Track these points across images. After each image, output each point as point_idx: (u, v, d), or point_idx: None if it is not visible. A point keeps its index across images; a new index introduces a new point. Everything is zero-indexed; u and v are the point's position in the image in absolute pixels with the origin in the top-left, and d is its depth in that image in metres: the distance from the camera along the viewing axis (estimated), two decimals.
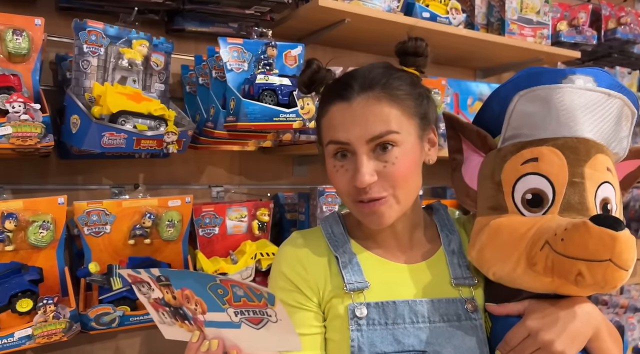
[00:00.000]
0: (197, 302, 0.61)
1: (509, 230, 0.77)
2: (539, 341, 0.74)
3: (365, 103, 0.79)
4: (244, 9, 1.51)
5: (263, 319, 0.59)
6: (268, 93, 1.30)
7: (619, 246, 0.66)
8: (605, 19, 2.35)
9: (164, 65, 1.34)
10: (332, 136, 0.80)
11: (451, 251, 0.87)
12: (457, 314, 0.81)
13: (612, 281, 0.69)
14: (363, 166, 0.77)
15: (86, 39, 1.18)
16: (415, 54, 0.85)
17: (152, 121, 1.24)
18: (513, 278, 0.77)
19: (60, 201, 1.17)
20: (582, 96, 0.77)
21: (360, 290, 0.81)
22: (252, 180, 1.76)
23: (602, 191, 0.77)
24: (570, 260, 0.69)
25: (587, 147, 0.77)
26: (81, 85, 1.19)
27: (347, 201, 0.83)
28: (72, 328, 1.12)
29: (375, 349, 0.78)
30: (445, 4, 1.82)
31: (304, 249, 0.86)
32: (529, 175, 0.78)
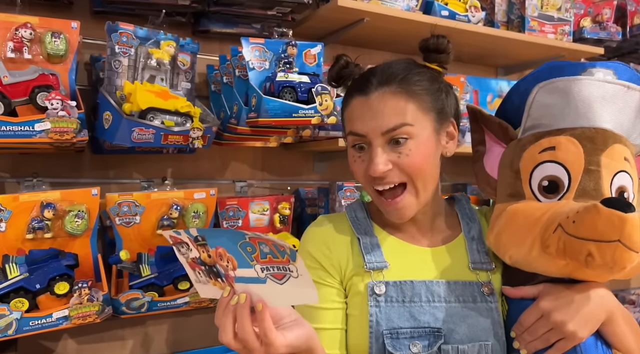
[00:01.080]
0: (229, 259, 0.64)
1: (525, 215, 0.80)
2: (552, 322, 0.77)
3: (382, 97, 0.84)
4: (266, 10, 1.57)
5: (286, 274, 0.63)
6: (288, 90, 1.35)
7: (628, 228, 0.68)
8: (630, 15, 2.32)
9: (190, 65, 1.41)
10: (351, 127, 0.87)
11: (471, 237, 0.91)
12: (472, 296, 0.85)
13: (621, 261, 0.70)
14: (377, 156, 0.83)
15: (118, 40, 1.26)
16: (437, 50, 0.89)
17: (178, 117, 1.30)
18: (528, 261, 0.80)
19: (94, 192, 1.25)
20: (601, 87, 0.79)
21: (380, 269, 0.86)
22: (274, 175, 1.82)
23: (619, 180, 0.79)
24: (581, 241, 0.71)
25: (604, 137, 0.79)
26: (113, 84, 1.27)
27: (368, 189, 0.89)
28: (104, 311, 1.20)
29: (392, 324, 0.82)
30: (465, 2, 1.84)
31: (328, 231, 0.92)
32: (546, 163, 0.80)
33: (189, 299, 1.34)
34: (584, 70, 0.82)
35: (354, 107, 0.87)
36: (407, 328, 0.82)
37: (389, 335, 0.82)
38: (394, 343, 0.81)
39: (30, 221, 1.19)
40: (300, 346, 0.68)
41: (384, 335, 0.82)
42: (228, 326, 0.65)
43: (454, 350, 0.81)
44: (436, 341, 0.81)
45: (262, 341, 0.64)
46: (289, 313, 0.70)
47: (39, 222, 1.19)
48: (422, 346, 0.81)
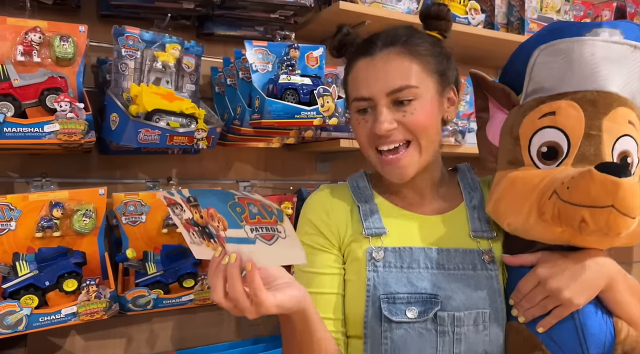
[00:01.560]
0: (220, 219, 0.65)
1: (523, 182, 0.79)
2: (548, 289, 0.78)
3: (387, 58, 0.85)
4: (269, 13, 1.60)
5: (274, 235, 0.63)
6: (290, 92, 1.38)
7: (622, 192, 0.66)
8: (630, 17, 2.34)
9: (194, 67, 1.44)
10: (356, 93, 0.88)
11: (472, 206, 0.92)
12: (472, 264, 0.86)
13: (616, 227, 0.69)
14: (382, 115, 0.84)
15: (124, 43, 1.29)
16: (437, 17, 0.91)
17: (183, 118, 1.33)
18: (526, 228, 0.79)
19: (101, 192, 1.28)
20: (605, 48, 0.76)
21: (378, 235, 0.88)
22: (277, 176, 1.85)
23: (621, 144, 0.76)
24: (574, 207, 0.70)
25: (607, 100, 0.76)
26: (120, 86, 1.30)
27: (370, 152, 0.89)
28: (111, 308, 1.23)
29: (389, 289, 0.83)
30: (465, 5, 1.87)
31: (328, 198, 0.94)
32: (545, 128, 0.79)
33: (193, 297, 1.37)
34: (589, 30, 0.79)
35: (358, 70, 0.88)
36: (404, 293, 0.83)
37: (386, 299, 0.83)
38: (390, 308, 0.82)
39: (39, 220, 1.22)
40: (291, 307, 0.69)
41: (381, 299, 0.83)
42: (219, 286, 0.65)
43: (449, 317, 0.82)
44: (432, 308, 0.82)
45: (252, 300, 0.65)
46: (281, 275, 0.71)
47: (48, 221, 1.22)
48: (419, 311, 0.82)
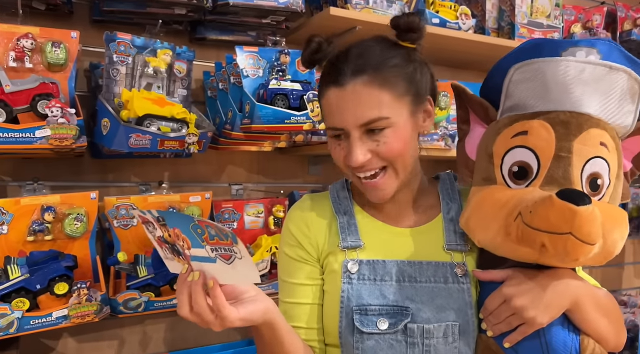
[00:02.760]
0: (184, 239, 0.70)
1: (492, 200, 0.80)
2: (512, 307, 0.79)
3: (356, 89, 0.83)
4: (261, 18, 1.61)
5: (232, 255, 0.69)
6: (280, 97, 1.40)
7: (579, 220, 0.68)
8: (620, 21, 2.36)
9: (186, 72, 1.45)
10: (329, 122, 0.88)
11: (449, 218, 0.92)
12: (444, 277, 0.87)
13: (574, 253, 0.71)
14: (356, 147, 0.84)
15: (116, 49, 1.30)
16: (409, 29, 0.86)
17: (174, 123, 1.35)
18: (495, 246, 0.81)
19: (93, 196, 1.30)
20: (578, 68, 0.76)
21: (354, 248, 0.90)
22: (270, 179, 1.87)
23: (592, 166, 0.77)
24: (535, 231, 0.71)
25: (579, 121, 0.77)
26: (111, 92, 1.32)
27: (348, 174, 0.91)
28: (102, 310, 1.24)
29: (362, 301, 0.86)
30: (455, 10, 1.88)
31: (309, 210, 0.96)
32: (517, 148, 0.80)
33: None
34: (565, 49, 0.79)
35: (329, 99, 0.87)
36: (376, 305, 0.85)
37: (358, 311, 0.85)
38: (362, 319, 0.85)
39: (31, 223, 1.23)
40: (255, 320, 0.74)
41: (354, 311, 0.85)
42: (184, 301, 0.71)
43: (419, 329, 0.83)
44: (402, 319, 0.84)
45: (216, 314, 0.70)
46: (248, 289, 0.75)
47: (40, 225, 1.23)
48: (389, 323, 0.84)
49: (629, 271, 2.81)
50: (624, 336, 0.88)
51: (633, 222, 2.57)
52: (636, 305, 2.56)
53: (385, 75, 0.84)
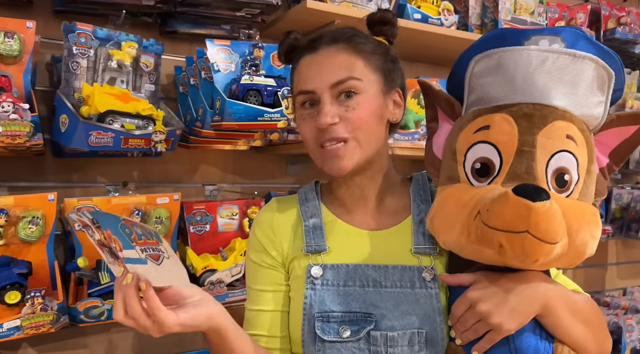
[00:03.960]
0: (115, 241, 0.67)
1: (454, 200, 0.76)
2: (477, 312, 0.74)
3: (330, 53, 0.84)
4: (235, 11, 1.54)
5: (160, 255, 0.67)
6: (253, 93, 1.33)
7: (535, 217, 0.64)
8: (604, 19, 2.34)
9: (154, 67, 1.38)
10: (300, 86, 0.86)
11: (419, 220, 0.88)
12: (411, 282, 0.83)
13: (533, 253, 0.66)
14: (325, 107, 0.82)
15: (75, 41, 1.22)
16: (383, 22, 0.89)
17: (140, 120, 1.27)
18: (459, 247, 0.76)
19: (50, 197, 1.22)
20: (541, 58, 0.73)
21: (318, 252, 0.86)
22: (246, 179, 1.80)
23: (558, 160, 0.73)
24: (492, 230, 0.67)
25: (543, 113, 0.73)
26: (71, 86, 1.23)
27: (313, 147, 0.87)
28: (59, 320, 1.16)
29: (324, 307, 0.82)
30: (437, 5, 1.83)
31: (276, 214, 0.93)
32: (479, 144, 0.76)
33: None
34: (528, 38, 0.75)
35: (302, 67, 0.86)
36: (339, 312, 0.82)
37: (320, 318, 0.82)
38: (323, 327, 0.81)
39: None
40: (198, 326, 0.71)
41: (315, 318, 0.82)
42: (119, 305, 0.67)
43: (382, 337, 0.80)
44: (365, 327, 0.80)
45: (152, 319, 0.66)
46: (192, 293, 0.72)
47: None
48: (352, 331, 0.80)
49: (612, 271, 2.80)
50: (608, 344, 0.82)
51: (616, 223, 2.55)
52: (619, 307, 2.54)
53: (360, 46, 0.85)
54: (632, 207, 2.51)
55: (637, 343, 2.26)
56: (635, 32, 2.31)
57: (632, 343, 2.26)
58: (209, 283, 1.45)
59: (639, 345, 2.25)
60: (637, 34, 2.32)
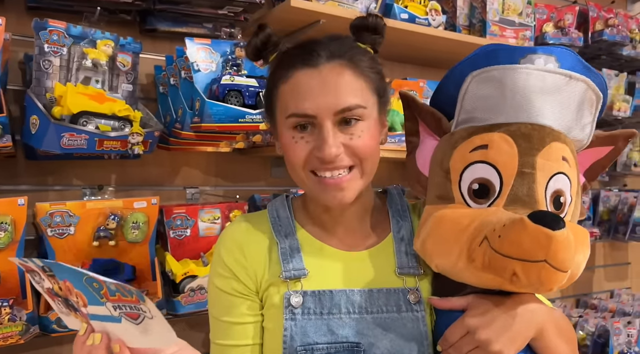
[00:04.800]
0: (77, 295, 0.60)
1: (452, 222, 0.73)
2: (477, 340, 0.71)
3: (335, 71, 0.75)
4: (216, 9, 1.50)
5: (140, 314, 0.59)
6: (234, 94, 1.28)
7: (555, 246, 0.62)
8: (592, 21, 2.33)
9: (131, 66, 1.33)
10: (297, 107, 0.75)
11: (400, 238, 0.83)
12: (397, 305, 0.78)
13: (548, 283, 0.66)
14: (330, 137, 0.73)
15: (47, 38, 1.17)
16: (375, 31, 0.82)
17: (116, 121, 1.23)
18: (455, 271, 0.74)
19: (20, 202, 1.16)
20: (539, 78, 0.72)
21: (298, 278, 0.79)
22: (229, 182, 1.75)
23: (555, 183, 0.72)
24: (506, 259, 0.65)
25: (541, 134, 0.72)
26: (42, 86, 1.18)
27: (303, 174, 0.78)
28: (29, 331, 1.11)
29: (308, 340, 0.76)
30: (425, 5, 1.80)
31: (245, 234, 0.84)
32: (477, 163, 0.73)
33: None
34: (523, 56, 0.74)
35: (299, 81, 0.75)
36: (324, 344, 0.76)
37: (304, 351, 0.76)
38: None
39: None
40: None
41: (298, 351, 0.76)
42: None
43: None
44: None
45: None
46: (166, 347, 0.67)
47: None
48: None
49: (599, 274, 2.79)
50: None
51: (603, 225, 2.55)
52: (607, 309, 2.53)
53: (362, 65, 0.77)
54: (620, 209, 2.50)
55: (624, 346, 2.25)
56: (622, 34, 2.30)
57: (620, 346, 2.24)
58: (189, 289, 1.40)
59: (626, 348, 2.24)
60: (624, 35, 2.31)
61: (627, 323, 2.28)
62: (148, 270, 1.36)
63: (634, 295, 2.72)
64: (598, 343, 2.27)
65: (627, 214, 2.48)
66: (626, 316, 2.39)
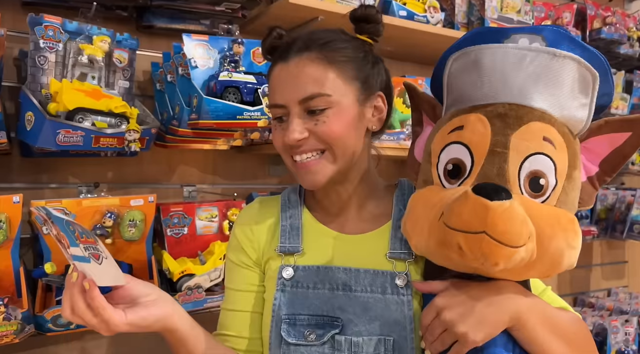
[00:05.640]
0: (62, 237, 0.67)
1: (424, 201, 0.74)
2: (442, 321, 0.70)
3: (300, 64, 0.80)
4: (214, 5, 1.48)
5: (99, 255, 0.66)
6: (232, 90, 1.27)
7: (492, 217, 0.60)
8: (590, 19, 2.33)
9: (128, 62, 1.31)
10: (271, 99, 0.85)
11: (398, 225, 0.85)
12: (383, 287, 0.80)
13: (491, 256, 0.63)
14: (292, 124, 0.80)
15: (42, 34, 1.15)
16: (366, 20, 0.85)
17: (112, 118, 1.21)
18: (429, 252, 0.73)
19: (15, 199, 1.15)
20: (518, 56, 0.69)
21: (291, 253, 0.85)
22: (227, 180, 1.74)
23: (532, 164, 0.69)
24: (451, 231, 0.65)
25: (519, 114, 0.69)
26: (38, 82, 1.17)
27: (286, 160, 0.86)
28: (24, 330, 1.10)
29: (292, 310, 0.81)
30: (423, 2, 1.79)
31: (256, 213, 0.93)
32: (452, 144, 0.73)
33: None
34: (508, 36, 0.72)
35: (274, 76, 0.84)
36: (305, 315, 0.81)
37: (287, 321, 0.81)
38: (289, 329, 0.81)
39: None
40: (148, 326, 0.72)
41: (282, 320, 0.81)
42: (66, 303, 0.69)
43: (347, 342, 0.78)
44: (330, 331, 0.79)
45: (99, 319, 0.67)
46: (148, 292, 0.73)
47: None
48: (317, 334, 0.79)
49: (597, 272, 2.79)
50: None
51: (601, 224, 2.55)
52: (604, 308, 2.53)
53: (333, 55, 0.81)
54: (617, 208, 2.50)
55: (622, 345, 2.25)
56: (620, 32, 2.30)
57: (617, 344, 2.25)
58: (186, 288, 1.39)
59: (624, 347, 2.24)
60: (622, 34, 2.31)
61: (624, 321, 2.28)
62: (145, 268, 1.35)
63: (631, 293, 2.72)
64: (596, 341, 2.27)
65: (625, 213, 2.48)
66: (623, 315, 2.39)
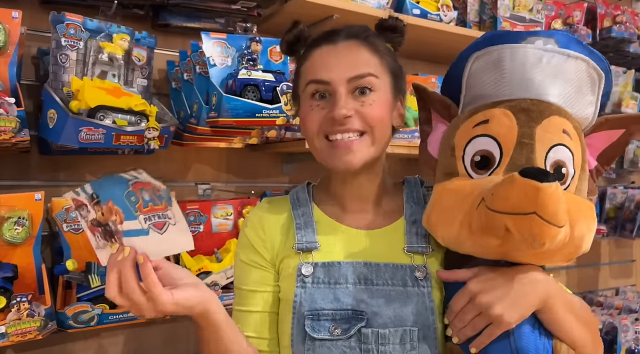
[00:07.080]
0: (117, 212, 0.66)
1: (454, 192, 0.76)
2: (478, 304, 0.73)
3: (350, 46, 0.84)
4: (230, 4, 1.49)
5: (165, 222, 0.67)
6: (251, 89, 1.28)
7: (542, 197, 0.63)
8: (600, 18, 2.33)
9: (146, 60, 1.32)
10: (314, 75, 0.84)
11: (412, 221, 0.87)
12: (403, 280, 0.82)
13: (540, 236, 0.66)
14: (341, 100, 0.81)
15: (64, 32, 1.16)
16: (393, 30, 0.90)
17: (132, 116, 1.22)
18: (459, 241, 0.76)
19: (37, 197, 1.15)
20: (538, 55, 0.76)
21: (309, 250, 0.85)
22: (240, 178, 1.74)
23: (555, 153, 0.74)
24: (498, 214, 0.67)
25: (540, 108, 0.75)
26: (59, 80, 1.17)
27: (317, 139, 0.84)
28: (47, 326, 1.10)
29: (315, 305, 0.81)
30: (437, 1, 1.80)
31: (267, 212, 0.92)
32: (478, 137, 0.77)
33: None
34: (524, 39, 0.78)
35: (318, 56, 0.85)
36: (329, 310, 0.80)
37: (310, 316, 0.80)
38: (313, 325, 0.80)
39: None
40: (191, 307, 0.70)
41: (305, 316, 0.80)
42: (113, 281, 0.66)
43: (373, 334, 0.78)
44: (356, 324, 0.79)
45: (148, 296, 0.66)
46: (186, 275, 0.73)
47: None
48: (342, 329, 0.79)
49: (605, 271, 2.80)
50: (601, 348, 0.83)
51: (610, 223, 2.55)
52: (613, 306, 2.54)
53: (377, 45, 0.86)
54: (626, 206, 2.50)
55: (632, 343, 2.25)
56: (630, 31, 2.30)
57: (628, 343, 2.25)
58: None
59: (634, 345, 2.25)
60: (632, 32, 2.31)
61: (634, 319, 2.29)
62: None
63: (639, 292, 2.72)
64: (605, 339, 2.27)
65: (634, 212, 2.48)
66: (632, 313, 2.39)
